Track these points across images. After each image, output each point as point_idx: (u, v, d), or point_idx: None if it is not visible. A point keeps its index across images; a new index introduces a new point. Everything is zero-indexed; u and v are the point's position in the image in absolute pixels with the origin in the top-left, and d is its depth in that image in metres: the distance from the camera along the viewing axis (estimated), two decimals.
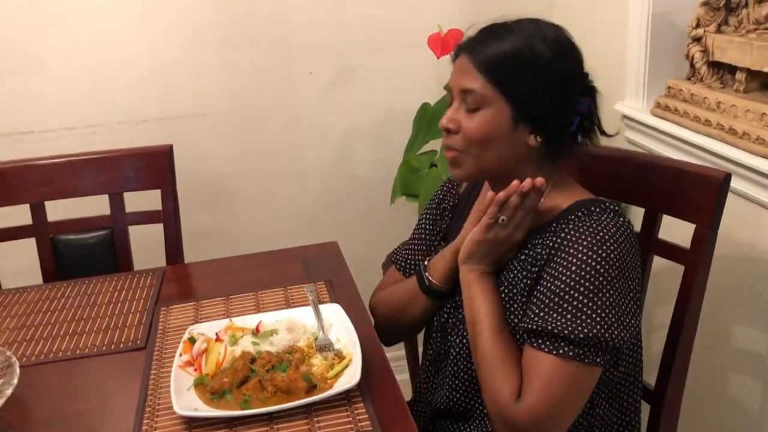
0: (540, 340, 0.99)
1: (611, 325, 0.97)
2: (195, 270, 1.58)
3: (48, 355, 1.25)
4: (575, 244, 1.00)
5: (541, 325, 0.98)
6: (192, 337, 1.18)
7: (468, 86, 1.06)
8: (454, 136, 1.08)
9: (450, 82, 1.10)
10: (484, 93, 1.05)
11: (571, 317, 0.97)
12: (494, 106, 1.05)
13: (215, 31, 2.05)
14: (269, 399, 1.04)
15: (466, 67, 1.06)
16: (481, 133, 1.06)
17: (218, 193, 2.19)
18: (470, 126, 1.06)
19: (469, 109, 1.07)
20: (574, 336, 0.96)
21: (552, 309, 0.99)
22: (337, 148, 2.22)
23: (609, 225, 1.02)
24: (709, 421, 1.59)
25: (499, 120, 1.05)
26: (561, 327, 0.97)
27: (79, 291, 1.48)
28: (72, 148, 1.84)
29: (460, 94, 1.08)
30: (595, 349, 0.97)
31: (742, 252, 1.43)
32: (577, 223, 1.03)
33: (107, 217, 1.67)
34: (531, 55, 1.04)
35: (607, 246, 0.99)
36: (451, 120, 1.08)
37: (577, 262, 0.99)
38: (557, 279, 1.00)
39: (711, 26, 1.52)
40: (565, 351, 0.97)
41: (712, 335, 1.52)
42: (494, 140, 1.06)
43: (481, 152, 1.07)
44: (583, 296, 0.98)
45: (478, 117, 1.06)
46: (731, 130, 1.41)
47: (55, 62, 1.99)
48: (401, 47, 2.12)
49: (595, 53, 1.94)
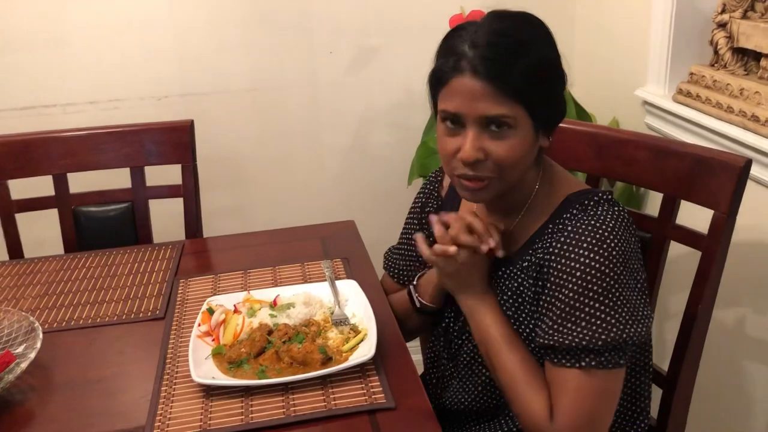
0: (560, 355, 0.97)
1: (626, 324, 0.96)
2: (214, 244, 1.60)
3: (69, 322, 1.27)
4: (576, 247, 0.97)
5: (558, 339, 0.96)
6: (210, 308, 1.20)
7: (493, 113, 0.95)
8: (482, 165, 0.98)
9: (456, 107, 0.97)
10: (514, 115, 0.95)
11: (587, 325, 0.95)
12: (520, 124, 0.97)
13: (237, 9, 2.05)
14: (285, 370, 1.06)
15: (486, 92, 0.94)
16: (517, 156, 0.98)
17: (236, 170, 2.21)
18: (502, 152, 0.97)
19: (496, 133, 0.97)
20: (593, 345, 0.94)
21: (565, 320, 0.96)
22: (356, 128, 2.23)
23: (606, 218, 0.99)
24: (719, 407, 1.59)
25: (527, 137, 0.99)
26: (578, 339, 0.95)
27: (100, 262, 1.50)
28: (94, 122, 1.86)
29: (479, 119, 0.96)
30: (616, 352, 0.96)
31: (759, 239, 1.43)
32: (575, 223, 0.99)
33: (128, 191, 1.69)
34: (547, 66, 0.99)
35: (608, 243, 0.96)
36: (479, 149, 0.97)
37: (582, 267, 0.96)
38: (564, 287, 0.97)
39: (737, 12, 1.51)
40: (587, 362, 0.95)
41: (725, 322, 1.52)
42: (525, 159, 1.01)
43: (510, 174, 1.00)
44: (594, 301, 0.95)
45: (510, 140, 0.97)
46: (754, 117, 1.40)
47: (80, 38, 2.01)
48: (422, 28, 2.12)
49: (617, 38, 1.94)
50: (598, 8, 2.03)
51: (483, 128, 0.97)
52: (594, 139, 1.33)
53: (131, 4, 2.00)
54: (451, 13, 1.84)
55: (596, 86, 2.02)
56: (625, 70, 1.90)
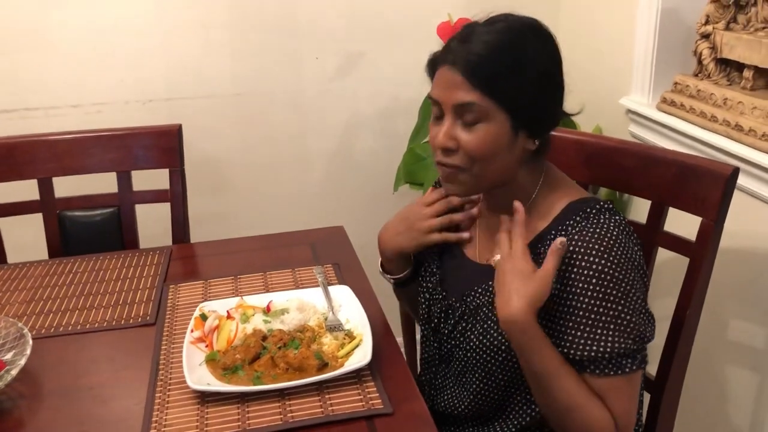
0: (602, 365, 1.00)
1: (643, 322, 1.01)
2: (202, 250, 1.59)
3: (58, 328, 1.26)
4: (586, 255, 0.99)
5: (596, 350, 0.99)
6: (203, 314, 1.19)
7: (463, 100, 0.99)
8: (453, 155, 1.03)
9: (436, 95, 1.03)
10: (483, 105, 0.99)
11: (615, 328, 0.98)
12: (494, 118, 1.00)
13: (223, 14, 2.05)
14: (281, 376, 1.06)
15: (454, 80, 0.99)
16: (485, 148, 1.01)
17: (221, 175, 2.20)
18: (471, 142, 1.01)
19: (467, 124, 1.00)
20: (625, 349, 0.99)
21: (595, 327, 0.99)
22: (342, 134, 2.23)
23: (611, 227, 1.01)
24: (706, 411, 1.62)
25: (499, 132, 1.00)
26: (612, 345, 0.98)
27: (87, 267, 1.48)
28: (77, 126, 1.84)
29: (453, 109, 1.01)
30: (642, 350, 1.01)
31: (743, 247, 1.46)
32: (580, 231, 1.01)
33: (114, 195, 1.67)
34: (524, 61, 1.00)
35: (616, 249, 0.99)
36: (451, 138, 1.01)
37: (596, 274, 0.98)
38: (583, 296, 0.99)
39: (720, 23, 1.54)
40: (630, 367, 1.00)
41: (712, 328, 1.55)
42: (497, 153, 1.02)
43: (483, 168, 1.03)
44: (616, 304, 0.99)
45: (479, 132, 1.00)
46: (737, 127, 1.43)
47: (63, 40, 1.99)
48: (409, 35, 2.13)
49: (602, 47, 1.97)
50: (582, 18, 2.06)
51: (457, 118, 1.01)
52: (582, 146, 1.35)
53: (116, 7, 1.99)
54: (438, 20, 1.86)
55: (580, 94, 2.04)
56: (610, 78, 1.93)
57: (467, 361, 1.13)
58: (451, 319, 1.17)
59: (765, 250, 1.42)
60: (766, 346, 1.43)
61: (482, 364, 1.10)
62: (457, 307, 1.15)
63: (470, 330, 1.12)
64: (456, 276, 1.20)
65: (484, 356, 1.09)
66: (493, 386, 1.10)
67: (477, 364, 1.11)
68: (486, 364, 1.09)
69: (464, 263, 1.18)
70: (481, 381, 1.11)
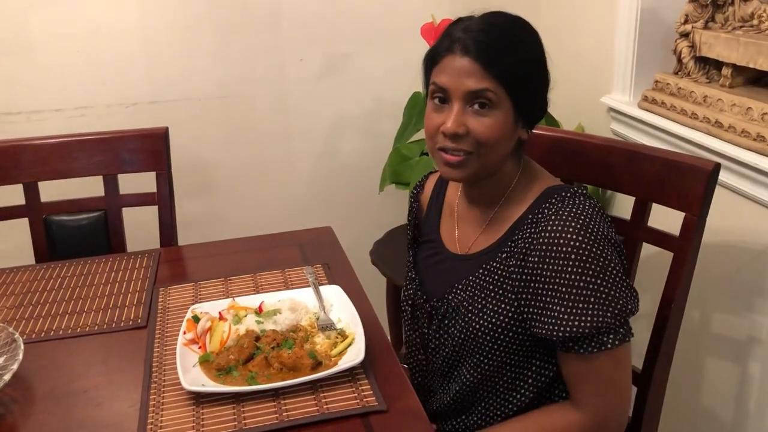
0: (585, 343, 1.02)
1: (624, 296, 1.03)
2: (190, 252, 1.59)
3: (48, 332, 1.25)
4: (563, 232, 1.01)
5: (578, 325, 1.00)
6: (195, 315, 1.20)
7: (477, 87, 1.02)
8: (462, 140, 1.05)
9: (445, 82, 1.05)
10: (497, 93, 1.03)
11: (596, 302, 1.00)
12: (502, 106, 1.04)
13: (206, 16, 2.05)
14: (275, 375, 1.06)
15: (468, 67, 1.02)
16: (495, 134, 1.04)
17: (206, 177, 2.20)
18: (482, 128, 1.04)
19: (478, 110, 1.04)
20: (606, 324, 1.00)
21: (576, 303, 1.01)
22: (327, 135, 2.24)
23: (586, 207, 1.05)
24: (691, 402, 1.65)
25: (506, 120, 1.05)
26: (594, 321, 1.00)
27: (75, 271, 1.48)
28: (60, 130, 1.83)
29: (465, 95, 1.04)
30: (624, 324, 1.03)
31: (724, 241, 1.49)
32: (556, 212, 1.04)
33: (101, 199, 1.67)
34: (527, 51, 1.06)
35: (591, 227, 1.02)
36: (461, 124, 1.04)
37: (574, 250, 1.00)
38: (563, 272, 1.01)
39: (699, 22, 1.57)
40: (612, 342, 1.01)
41: (695, 320, 1.58)
42: (502, 141, 1.06)
43: (488, 153, 1.06)
44: (595, 278, 1.01)
45: (490, 119, 1.04)
46: (717, 123, 1.46)
47: (45, 44, 1.98)
48: (393, 36, 2.15)
49: (583, 47, 2.00)
50: (563, 18, 2.09)
51: (467, 105, 1.04)
52: (566, 144, 1.37)
53: (98, 10, 1.98)
54: (422, 21, 1.88)
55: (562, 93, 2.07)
56: (591, 77, 1.95)
57: (455, 356, 1.15)
58: (435, 320, 1.18)
59: (746, 244, 1.45)
60: (748, 337, 1.47)
61: (469, 356, 1.12)
62: (439, 307, 1.17)
63: (453, 326, 1.14)
64: (436, 273, 1.22)
65: (470, 347, 1.11)
66: (480, 377, 1.12)
67: (464, 356, 1.13)
68: (473, 354, 1.11)
69: (444, 257, 1.20)
70: (469, 372, 1.13)
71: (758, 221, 1.40)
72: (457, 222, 1.21)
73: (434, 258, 1.22)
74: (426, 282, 1.23)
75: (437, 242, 1.22)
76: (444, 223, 1.24)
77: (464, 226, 1.19)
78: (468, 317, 1.11)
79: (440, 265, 1.20)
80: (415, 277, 1.25)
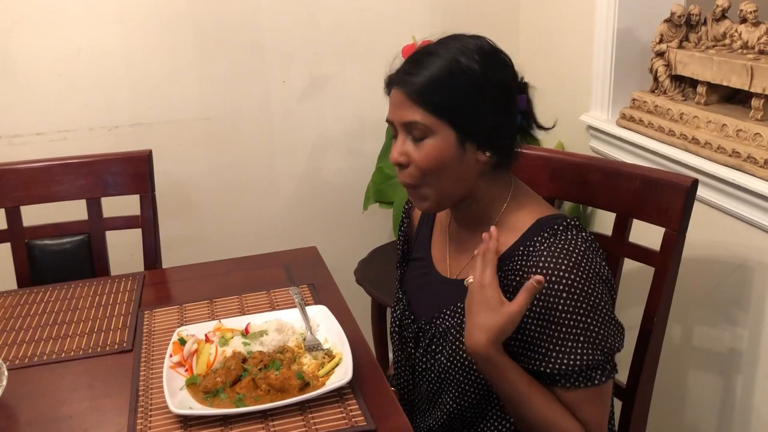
0: (572, 378, 1.02)
1: (612, 334, 1.04)
2: (175, 275, 1.59)
3: (32, 358, 1.24)
4: (556, 270, 1.01)
5: (567, 363, 1.01)
6: (182, 338, 1.19)
7: (408, 119, 1.05)
8: (406, 170, 1.08)
9: (390, 116, 1.09)
10: (426, 122, 1.04)
11: (585, 341, 1.01)
12: (439, 132, 1.04)
13: (188, 38, 2.06)
14: (263, 397, 1.06)
15: (400, 100, 1.06)
16: (432, 161, 1.05)
17: (190, 200, 2.19)
18: (419, 157, 1.06)
19: (416, 140, 1.06)
20: (595, 362, 1.01)
21: (565, 341, 1.01)
22: (310, 155, 2.25)
23: (578, 242, 1.04)
24: (675, 415, 1.66)
25: (446, 145, 1.05)
26: (583, 358, 1.01)
27: (59, 296, 1.47)
28: (41, 154, 1.83)
29: (402, 127, 1.07)
30: (611, 361, 1.04)
31: (704, 255, 1.51)
32: (548, 247, 1.03)
33: (84, 222, 1.66)
34: (461, 74, 1.04)
35: (584, 264, 1.02)
36: (402, 153, 1.07)
37: (566, 288, 1.00)
38: (554, 310, 1.01)
39: (673, 42, 1.61)
40: (599, 379, 1.02)
41: (677, 334, 1.60)
42: (446, 166, 1.06)
43: (437, 180, 1.07)
44: (585, 317, 1.01)
45: (425, 147, 1.05)
46: (694, 140, 1.49)
47: (26, 66, 1.97)
48: (374, 57, 2.16)
49: (561, 66, 2.04)
50: (541, 39, 2.12)
51: (407, 135, 1.07)
52: (548, 162, 1.40)
53: (80, 33, 1.98)
54: (404, 42, 1.90)
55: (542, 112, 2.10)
56: (570, 96, 1.99)
57: (440, 382, 1.15)
58: (422, 342, 1.19)
59: (724, 258, 1.47)
60: (729, 350, 1.49)
61: (455, 384, 1.12)
62: (427, 330, 1.17)
63: (440, 352, 1.14)
64: (425, 295, 1.22)
65: (456, 376, 1.11)
66: (466, 405, 1.12)
67: (449, 384, 1.13)
68: (458, 384, 1.11)
69: (434, 279, 1.20)
70: (454, 401, 1.13)
71: (736, 235, 1.43)
72: (449, 243, 1.21)
73: (424, 278, 1.23)
74: (414, 302, 1.23)
75: (427, 261, 1.23)
76: (435, 241, 1.24)
77: (455, 247, 1.19)
78: (456, 344, 1.11)
79: (430, 287, 1.21)
80: (402, 297, 1.25)
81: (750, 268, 1.41)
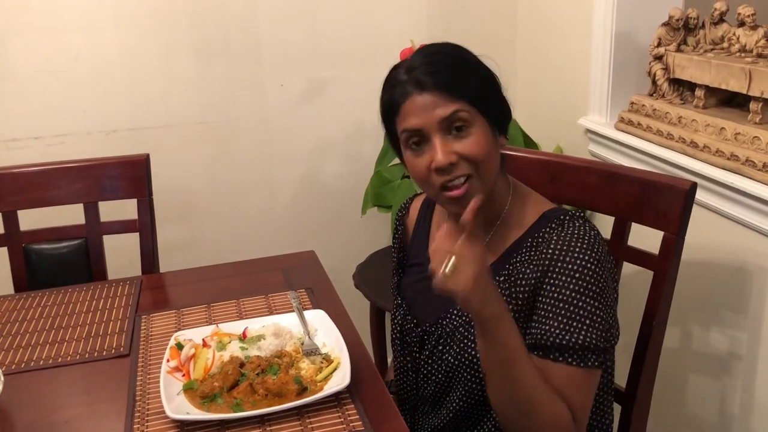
0: (567, 354, 1.01)
1: (613, 325, 1.04)
2: (172, 279, 1.58)
3: (29, 363, 1.24)
4: (570, 252, 1.02)
5: (567, 338, 1.00)
6: (179, 343, 1.19)
7: (448, 112, 1.01)
8: (458, 166, 1.02)
9: (416, 123, 1.03)
10: (467, 109, 1.02)
11: (590, 323, 1.00)
12: (478, 121, 1.03)
13: (187, 42, 2.06)
14: (260, 402, 1.06)
15: (428, 100, 1.02)
16: (484, 148, 1.03)
17: (188, 204, 2.19)
18: (470, 147, 1.02)
19: (458, 133, 1.02)
20: (593, 345, 1.01)
21: (571, 319, 1.01)
22: (308, 159, 2.25)
23: (587, 230, 1.06)
24: (674, 419, 1.66)
25: (485, 131, 1.04)
26: (584, 337, 1.00)
27: (55, 300, 1.46)
28: (39, 158, 1.82)
29: (439, 125, 1.02)
30: (606, 351, 1.03)
31: (702, 259, 1.51)
32: (558, 235, 1.04)
33: (81, 227, 1.66)
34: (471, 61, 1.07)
35: (595, 249, 1.03)
36: (449, 153, 1.02)
37: (579, 269, 1.01)
38: (565, 287, 1.01)
39: (671, 45, 1.61)
40: (592, 361, 1.01)
41: (676, 337, 1.60)
42: (491, 154, 1.05)
43: (485, 170, 1.04)
44: (593, 300, 1.01)
45: (473, 136, 1.02)
46: (692, 143, 1.49)
47: (24, 70, 1.97)
48: (372, 60, 2.17)
49: (560, 70, 2.04)
50: (539, 41, 2.12)
51: (446, 133, 1.03)
52: (547, 166, 1.39)
53: (77, 37, 1.98)
54: (401, 45, 1.90)
55: (540, 116, 2.10)
56: (568, 100, 1.99)
57: (447, 382, 1.15)
58: (427, 344, 1.18)
59: (723, 261, 1.47)
60: (728, 354, 1.48)
61: (462, 383, 1.12)
62: (433, 332, 1.17)
63: (447, 352, 1.14)
64: (426, 299, 1.21)
65: (463, 374, 1.11)
66: (473, 403, 1.12)
67: (456, 383, 1.13)
68: (465, 382, 1.11)
69: None
70: (461, 399, 1.13)
71: (735, 238, 1.43)
72: None
73: (424, 282, 1.21)
74: (415, 306, 1.23)
75: (426, 266, 1.22)
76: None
77: None
78: (464, 343, 1.11)
79: (431, 290, 1.20)
80: (401, 303, 1.25)
81: (749, 271, 1.41)
